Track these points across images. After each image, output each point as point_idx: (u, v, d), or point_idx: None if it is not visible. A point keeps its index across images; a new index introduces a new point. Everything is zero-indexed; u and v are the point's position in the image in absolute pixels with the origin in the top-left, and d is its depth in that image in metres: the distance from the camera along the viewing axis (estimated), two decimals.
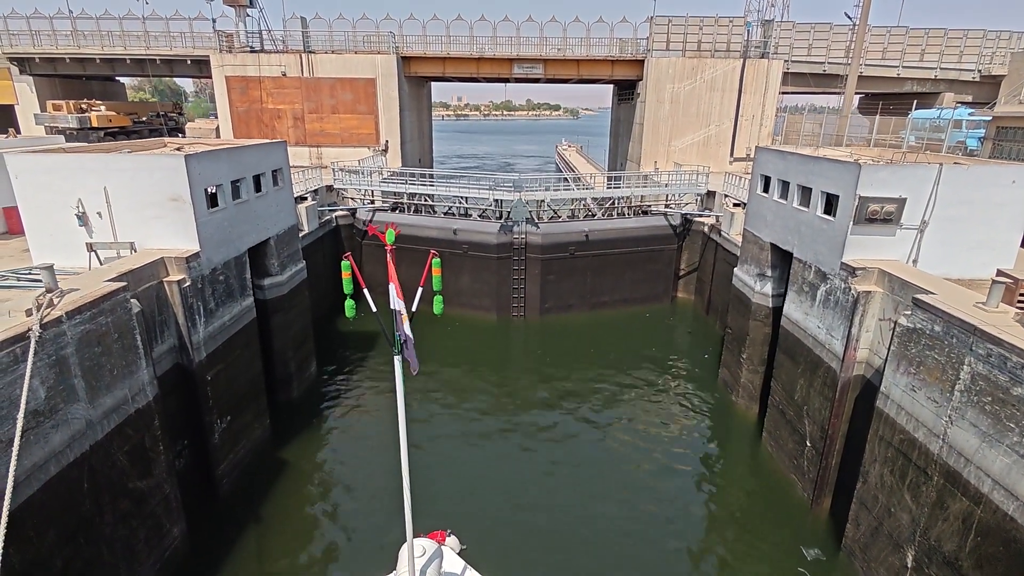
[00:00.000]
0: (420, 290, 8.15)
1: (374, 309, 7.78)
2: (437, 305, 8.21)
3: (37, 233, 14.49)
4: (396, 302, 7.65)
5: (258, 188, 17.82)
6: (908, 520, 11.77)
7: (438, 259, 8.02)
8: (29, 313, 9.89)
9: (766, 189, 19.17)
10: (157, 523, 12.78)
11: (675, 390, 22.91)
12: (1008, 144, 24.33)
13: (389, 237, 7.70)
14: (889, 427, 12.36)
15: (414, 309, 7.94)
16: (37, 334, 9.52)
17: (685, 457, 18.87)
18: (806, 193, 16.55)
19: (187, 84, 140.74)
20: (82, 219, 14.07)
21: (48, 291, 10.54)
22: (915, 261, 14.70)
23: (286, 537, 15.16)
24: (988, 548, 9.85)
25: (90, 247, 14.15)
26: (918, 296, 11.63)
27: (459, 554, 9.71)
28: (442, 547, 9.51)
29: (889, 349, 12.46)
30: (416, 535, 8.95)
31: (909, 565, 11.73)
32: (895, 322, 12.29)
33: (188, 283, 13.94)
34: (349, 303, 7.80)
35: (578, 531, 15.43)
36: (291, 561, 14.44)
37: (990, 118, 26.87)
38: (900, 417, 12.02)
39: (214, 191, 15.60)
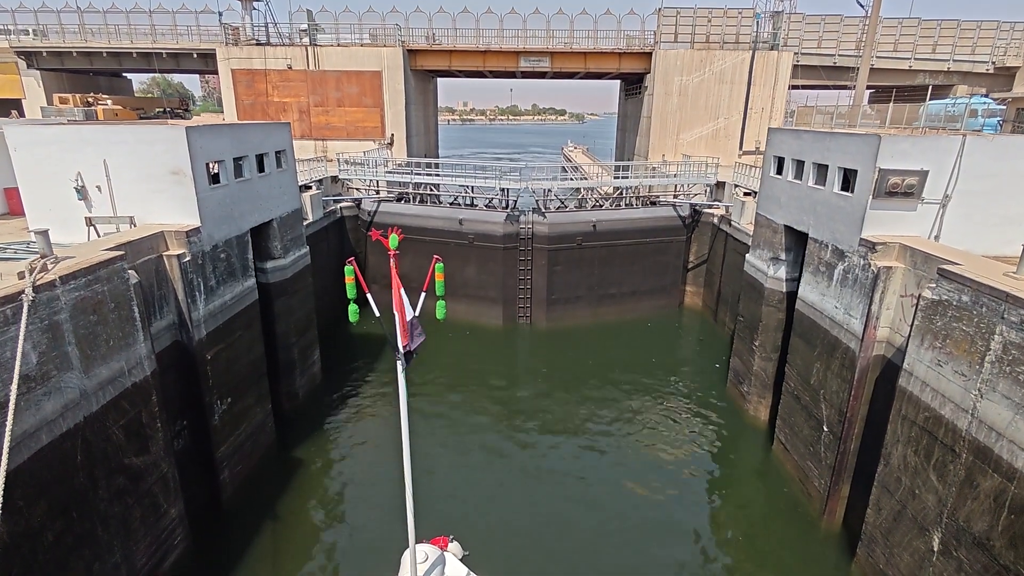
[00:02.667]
0: (423, 295, 8.07)
1: (377, 314, 7.69)
2: (440, 310, 8.10)
3: (36, 207, 14.23)
4: (404, 308, 7.52)
5: (261, 168, 17.55)
6: (934, 501, 11.25)
7: (441, 264, 7.89)
8: (22, 276, 9.58)
9: (779, 171, 18.72)
10: (154, 502, 12.41)
11: (683, 399, 22.25)
12: None
13: (392, 242, 7.49)
14: (913, 405, 11.85)
15: (417, 312, 7.89)
16: (30, 297, 9.21)
17: (693, 464, 18.38)
18: (822, 171, 16.10)
19: (195, 88, 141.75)
20: (81, 193, 13.81)
21: (42, 256, 10.24)
22: (937, 237, 14.21)
23: (285, 536, 14.82)
24: (1022, 526, 9.33)
25: (89, 221, 13.88)
26: (944, 267, 11.15)
27: (461, 560, 9.62)
28: (444, 553, 9.46)
29: (912, 324, 11.96)
30: (418, 541, 8.87)
31: (935, 549, 11.21)
32: (919, 296, 11.80)
33: (188, 258, 13.62)
34: (352, 307, 7.70)
35: (581, 540, 14.98)
36: (289, 561, 14.05)
37: (1005, 105, 26.34)
38: (925, 394, 11.52)
39: (216, 170, 15.34)
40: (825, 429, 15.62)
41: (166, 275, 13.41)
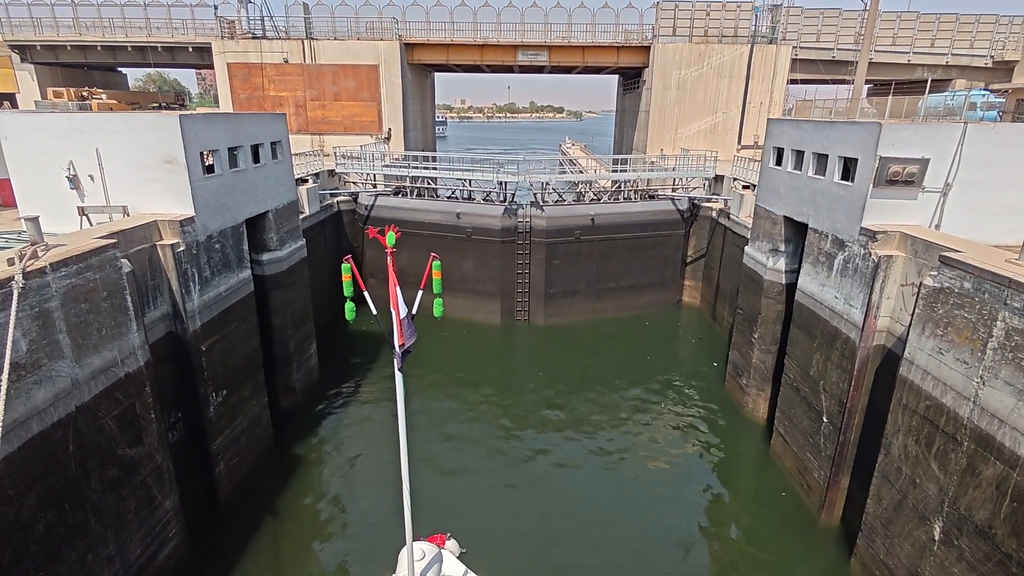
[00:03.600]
0: (420, 293, 8.06)
1: (374, 311, 7.65)
2: (437, 307, 8.05)
3: (28, 197, 14.03)
4: (400, 306, 7.47)
5: (256, 159, 17.38)
6: (935, 490, 11.17)
7: (438, 262, 7.87)
8: (11, 263, 9.42)
9: (779, 161, 18.62)
10: (148, 494, 12.28)
11: (681, 396, 22.16)
12: None
13: (389, 240, 7.43)
14: (914, 394, 11.76)
15: (414, 311, 7.89)
16: (20, 284, 9.06)
17: (691, 459, 18.32)
18: (822, 160, 16.00)
19: (192, 85, 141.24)
20: (73, 182, 13.62)
21: (33, 244, 10.08)
22: (937, 226, 14.12)
23: (281, 531, 14.71)
24: None
25: (82, 211, 13.69)
26: (946, 254, 11.05)
27: (459, 557, 9.59)
28: (442, 550, 9.42)
29: (913, 313, 11.87)
30: (416, 538, 8.82)
31: (936, 538, 11.13)
32: (920, 284, 11.71)
33: (182, 248, 13.47)
34: (349, 305, 7.66)
35: (578, 537, 14.90)
36: (286, 557, 13.94)
37: (1004, 97, 26.26)
38: (926, 383, 11.43)
39: (211, 160, 15.16)
40: (825, 420, 15.55)
41: (160, 265, 13.25)
